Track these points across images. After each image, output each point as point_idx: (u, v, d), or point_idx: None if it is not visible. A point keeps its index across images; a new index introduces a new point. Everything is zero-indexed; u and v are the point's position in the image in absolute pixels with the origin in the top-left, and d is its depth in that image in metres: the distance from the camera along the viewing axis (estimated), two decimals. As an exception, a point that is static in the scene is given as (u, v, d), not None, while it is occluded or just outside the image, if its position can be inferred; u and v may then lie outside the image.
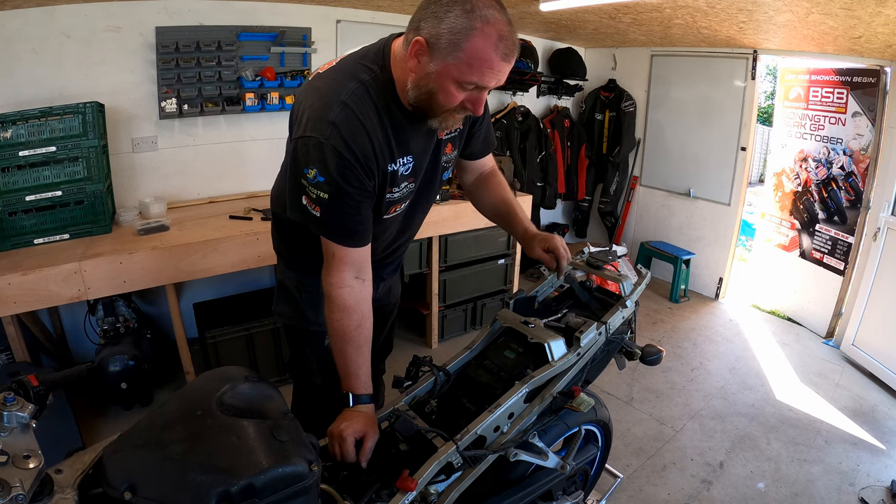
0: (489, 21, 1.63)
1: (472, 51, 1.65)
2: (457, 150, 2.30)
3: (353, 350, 2.00)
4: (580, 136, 7.41)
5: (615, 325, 2.29)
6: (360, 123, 1.81)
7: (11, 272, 3.26)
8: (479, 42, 1.64)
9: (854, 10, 3.84)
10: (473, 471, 1.84)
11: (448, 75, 1.72)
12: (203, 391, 1.45)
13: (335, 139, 1.77)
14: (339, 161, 1.79)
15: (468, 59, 1.67)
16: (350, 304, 1.98)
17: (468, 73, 1.70)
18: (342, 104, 1.79)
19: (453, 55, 1.67)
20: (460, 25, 1.63)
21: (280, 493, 1.28)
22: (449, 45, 1.66)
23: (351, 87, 1.82)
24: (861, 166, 5.25)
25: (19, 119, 3.57)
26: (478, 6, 1.62)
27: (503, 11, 1.68)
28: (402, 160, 2.00)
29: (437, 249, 4.91)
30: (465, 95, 1.78)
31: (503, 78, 1.77)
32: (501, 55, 1.68)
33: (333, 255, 1.95)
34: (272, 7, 4.75)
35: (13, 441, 1.19)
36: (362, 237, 1.97)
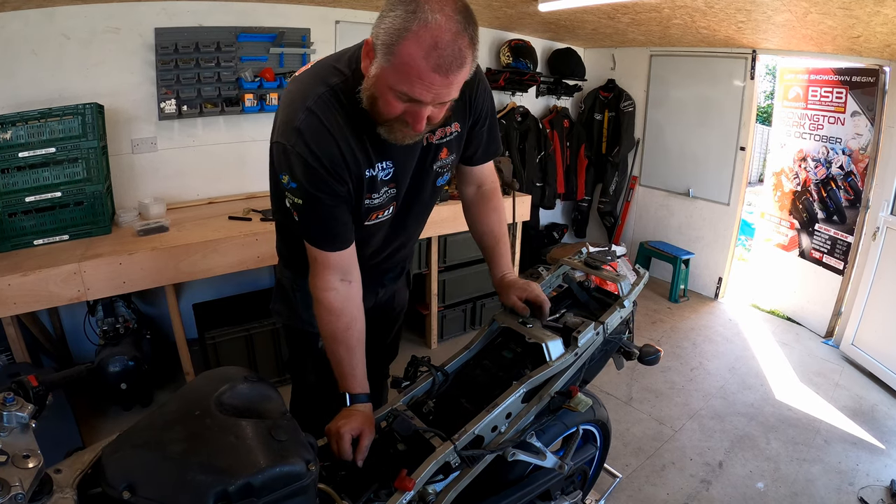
0: (428, 25, 1.46)
1: (401, 56, 1.51)
2: (455, 155, 2.17)
3: (345, 351, 2.00)
4: (579, 136, 7.41)
5: (613, 325, 2.29)
6: (326, 129, 1.75)
7: (11, 273, 3.26)
8: (409, 47, 1.49)
9: (852, 9, 3.84)
10: (471, 470, 1.84)
11: (384, 81, 1.60)
12: (202, 391, 1.45)
13: (300, 146, 1.73)
14: (305, 168, 1.76)
15: (398, 65, 1.53)
16: (337, 307, 1.97)
17: (398, 82, 1.57)
18: (307, 110, 1.73)
19: (386, 59, 1.55)
20: (397, 26, 1.49)
21: (278, 493, 1.28)
22: (384, 48, 1.54)
23: (318, 92, 1.75)
24: (860, 166, 5.25)
25: (19, 120, 3.57)
26: (424, 7, 1.47)
27: (457, 18, 1.50)
28: (380, 165, 1.92)
29: (436, 250, 4.92)
30: (405, 107, 1.64)
31: (444, 94, 1.60)
32: (433, 66, 1.50)
33: (316, 260, 1.94)
34: (271, 8, 4.75)
35: (13, 441, 1.19)
36: (342, 241, 1.93)
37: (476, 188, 2.45)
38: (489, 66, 6.49)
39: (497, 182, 2.48)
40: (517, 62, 6.27)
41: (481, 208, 2.44)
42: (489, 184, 2.44)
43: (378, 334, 2.58)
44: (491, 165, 2.43)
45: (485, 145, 2.26)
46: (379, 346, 2.68)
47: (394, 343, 2.94)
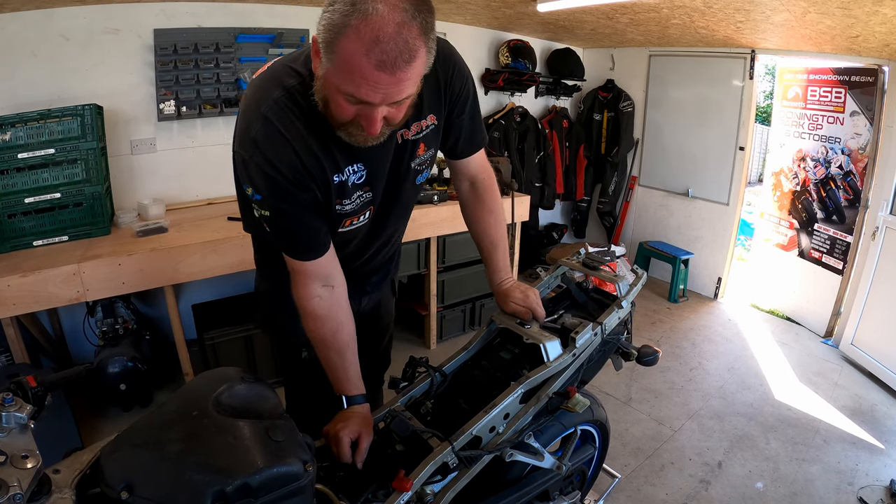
0: (368, 17, 1.30)
1: (342, 55, 1.36)
2: (433, 149, 2.04)
3: (336, 355, 1.97)
4: (578, 136, 7.41)
5: (611, 326, 2.29)
6: (284, 138, 1.63)
7: (11, 274, 3.26)
8: (349, 44, 1.34)
9: (851, 9, 3.84)
10: (469, 471, 1.84)
11: (331, 83, 1.47)
12: (200, 392, 1.46)
13: (258, 157, 1.63)
14: (266, 180, 1.66)
15: (339, 64, 1.39)
16: (322, 314, 1.93)
17: (342, 83, 1.43)
18: (263, 118, 1.62)
19: (329, 58, 1.41)
20: (336, 21, 1.34)
21: (275, 493, 1.28)
22: (325, 46, 1.40)
23: (274, 97, 1.63)
24: (859, 165, 5.26)
25: (18, 121, 3.57)
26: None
27: (403, 6, 1.33)
28: (350, 169, 1.80)
29: (435, 250, 4.92)
30: (356, 109, 1.50)
31: (394, 93, 1.44)
32: (376, 63, 1.34)
33: (295, 270, 1.88)
34: (270, 9, 4.76)
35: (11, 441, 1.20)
36: (317, 247, 1.85)
37: (469, 184, 2.34)
38: (488, 66, 6.50)
39: (492, 177, 2.37)
40: (516, 62, 6.28)
41: (476, 210, 2.35)
42: (483, 179, 2.32)
43: (366, 346, 2.34)
44: (481, 157, 2.29)
45: (467, 136, 2.12)
46: (369, 358, 2.46)
47: (385, 352, 2.85)
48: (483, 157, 2.31)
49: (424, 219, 4.62)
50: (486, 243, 2.37)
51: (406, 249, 4.72)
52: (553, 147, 7.10)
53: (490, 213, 2.34)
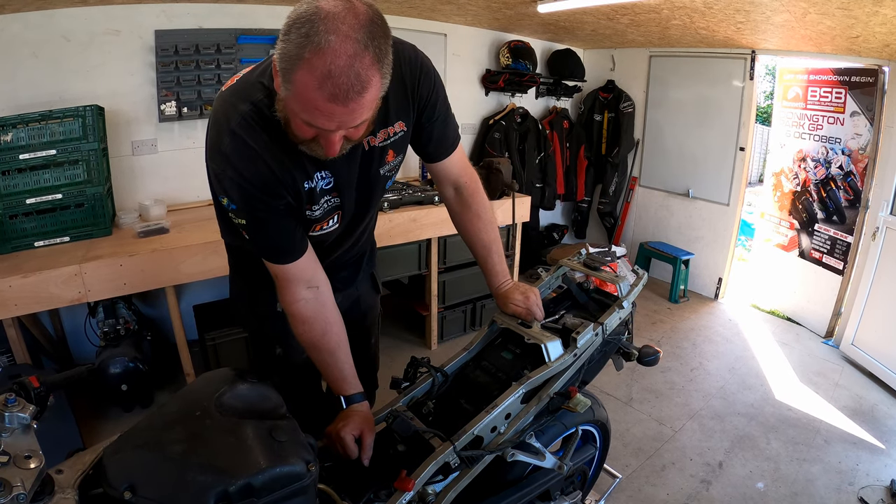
0: (321, 50, 1.33)
1: (297, 86, 1.40)
2: (402, 156, 2.08)
3: (328, 356, 1.99)
4: (579, 136, 7.42)
5: (612, 326, 2.30)
6: (253, 150, 1.66)
7: (12, 275, 3.26)
8: (303, 77, 1.37)
9: (851, 9, 3.85)
10: (470, 471, 1.85)
11: (289, 107, 1.51)
12: (202, 392, 1.46)
13: (230, 171, 1.67)
14: (240, 191, 1.70)
15: (296, 94, 1.42)
16: (309, 316, 1.95)
17: (299, 111, 1.47)
18: (231, 133, 1.64)
19: (286, 87, 1.44)
20: (292, 52, 1.37)
21: (278, 493, 1.29)
22: (283, 74, 1.43)
23: (242, 111, 1.65)
24: (860, 166, 5.26)
25: (19, 122, 3.58)
26: (318, 29, 1.34)
27: (356, 36, 1.36)
28: (318, 175, 1.83)
29: (436, 251, 4.93)
30: (314, 132, 1.54)
31: (349, 121, 1.48)
32: (328, 96, 1.38)
33: (278, 276, 1.90)
34: (270, 10, 4.76)
35: (14, 441, 1.20)
36: (295, 250, 1.87)
37: (453, 190, 2.35)
38: (489, 67, 6.51)
39: (476, 180, 2.36)
40: (517, 63, 6.28)
41: (464, 216, 2.36)
42: (465, 183, 2.32)
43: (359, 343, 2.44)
44: (460, 159, 2.29)
45: (439, 138, 2.14)
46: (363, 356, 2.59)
47: (374, 354, 2.85)
48: (463, 160, 2.32)
49: (426, 219, 4.62)
50: (478, 248, 2.38)
51: (407, 250, 4.74)
52: (554, 148, 7.10)
53: (478, 218, 2.35)
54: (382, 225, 4.41)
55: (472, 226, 2.36)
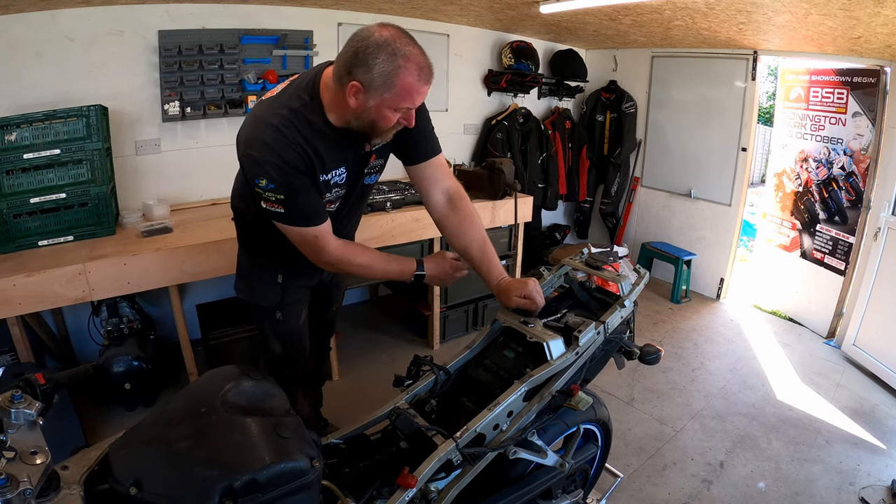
0: (409, 58, 1.97)
1: (402, 85, 2.00)
2: (383, 160, 2.59)
3: (382, 258, 2.51)
4: (581, 137, 7.41)
5: (613, 325, 2.31)
6: (288, 141, 2.10)
7: (16, 273, 3.27)
8: (406, 77, 1.99)
9: (853, 10, 3.85)
10: (473, 468, 1.86)
11: (385, 106, 2.05)
12: (207, 389, 1.47)
13: (270, 155, 2.08)
14: (278, 170, 2.10)
15: (400, 91, 2.01)
16: (348, 248, 2.43)
17: (401, 102, 2.05)
18: (273, 126, 2.10)
19: (389, 91, 2.01)
20: (389, 68, 1.96)
21: (282, 489, 1.30)
22: (384, 85, 1.99)
23: (282, 114, 2.12)
24: (861, 166, 5.26)
25: (23, 122, 3.59)
26: (397, 49, 1.95)
27: (416, 44, 2.02)
28: (334, 171, 2.33)
29: (437, 250, 4.89)
30: (399, 116, 2.12)
31: (425, 94, 2.12)
32: (425, 80, 2.05)
33: (315, 237, 2.30)
34: (274, 10, 4.77)
35: (21, 438, 1.21)
36: (323, 215, 2.30)
37: (441, 195, 2.61)
38: (491, 67, 6.51)
39: (460, 186, 2.66)
40: (519, 64, 6.29)
41: (455, 221, 2.59)
42: (451, 185, 2.63)
43: (320, 311, 3.17)
44: (443, 165, 2.64)
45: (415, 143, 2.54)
46: (320, 323, 3.24)
47: (332, 321, 3.43)
48: (445, 166, 2.68)
49: (427, 219, 4.55)
50: (473, 249, 2.54)
51: (409, 250, 4.74)
52: (556, 148, 7.10)
53: (468, 220, 2.58)
54: (385, 225, 4.43)
55: (463, 228, 2.56)
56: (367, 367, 4.89)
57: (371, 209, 4.37)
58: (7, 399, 1.25)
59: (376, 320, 5.85)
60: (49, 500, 1.20)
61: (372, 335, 5.47)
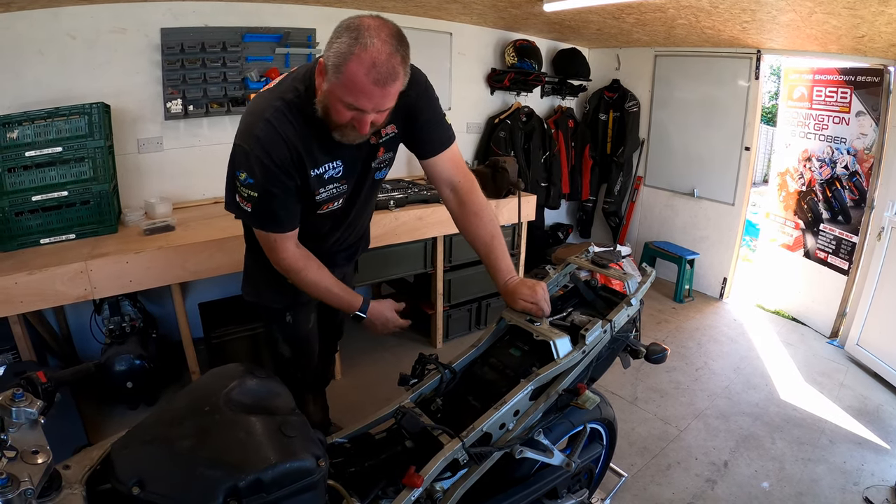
0: (367, 48, 1.80)
1: (347, 74, 1.83)
2: (392, 153, 2.50)
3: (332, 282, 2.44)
4: (584, 136, 7.40)
5: (620, 324, 2.30)
6: (280, 136, 2.06)
7: (18, 272, 3.26)
8: (353, 66, 1.82)
9: (857, 9, 3.83)
10: (479, 468, 1.85)
11: (334, 94, 1.92)
12: (211, 388, 1.46)
13: (258, 150, 2.05)
14: (261, 167, 2.07)
15: (344, 81, 1.85)
16: (303, 258, 2.36)
17: (345, 95, 1.89)
18: (266, 120, 2.05)
19: (336, 76, 1.86)
20: (343, 50, 1.82)
21: (287, 489, 1.29)
22: (333, 68, 1.86)
23: (276, 105, 2.08)
24: (865, 166, 5.25)
25: (25, 120, 3.58)
26: (364, 35, 1.80)
27: (392, 42, 1.84)
28: (328, 165, 2.26)
29: (441, 249, 4.92)
30: (352, 115, 1.96)
31: (383, 103, 1.94)
32: (372, 80, 1.83)
33: (275, 241, 2.28)
34: (277, 8, 4.76)
35: (22, 437, 1.20)
36: (291, 224, 2.28)
37: (450, 191, 2.55)
38: (494, 66, 6.50)
39: (472, 180, 2.56)
40: (522, 62, 6.28)
41: (463, 215, 2.55)
42: (459, 182, 2.54)
43: (330, 313, 3.16)
44: (452, 158, 2.52)
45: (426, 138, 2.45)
46: (330, 325, 3.26)
47: (341, 323, 3.43)
48: (456, 161, 2.55)
49: (431, 218, 4.62)
50: (479, 245, 2.53)
51: (412, 249, 4.74)
52: (559, 147, 7.09)
53: (476, 216, 2.52)
54: (389, 223, 4.41)
55: (471, 224, 2.53)
56: (370, 365, 4.88)
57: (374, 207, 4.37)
58: (8, 398, 1.24)
59: (379, 319, 5.79)
60: (50, 499, 1.19)
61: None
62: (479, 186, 2.58)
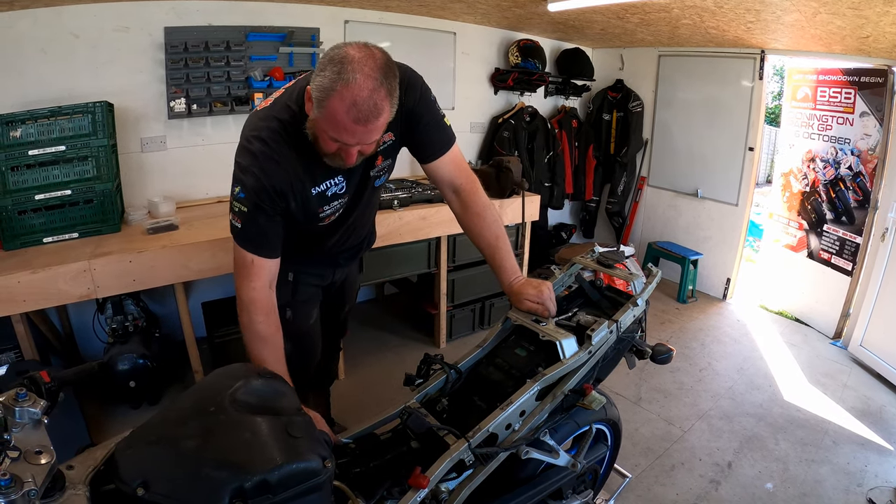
0: (349, 85, 1.76)
1: (329, 111, 1.81)
2: (391, 160, 2.48)
3: (275, 352, 2.27)
4: (588, 136, 7.41)
5: (626, 324, 2.29)
6: (275, 158, 2.05)
7: (21, 270, 3.26)
8: (335, 104, 1.79)
9: (862, 9, 3.83)
10: (485, 468, 1.85)
11: (319, 126, 1.90)
12: (216, 388, 1.45)
13: (254, 167, 2.03)
14: (254, 183, 2.03)
15: (327, 116, 1.83)
16: (270, 308, 2.23)
17: (329, 129, 1.87)
18: (262, 140, 2.05)
19: (319, 111, 1.85)
20: (326, 85, 1.79)
21: (294, 490, 1.28)
22: (317, 101, 1.84)
23: (271, 126, 2.06)
24: (869, 166, 5.24)
25: (29, 118, 3.57)
26: (347, 69, 1.77)
27: (377, 76, 1.80)
28: (329, 182, 2.25)
29: (445, 249, 4.92)
30: (337, 146, 1.93)
31: (366, 138, 1.91)
32: (353, 119, 1.81)
33: (253, 263, 2.15)
34: (280, 7, 4.76)
35: (25, 437, 1.20)
36: (273, 250, 2.19)
37: (453, 193, 2.55)
38: (498, 66, 6.51)
39: (474, 181, 2.55)
40: (526, 62, 6.27)
41: (466, 217, 2.54)
42: (462, 184, 2.52)
43: (333, 311, 3.15)
44: (453, 160, 2.50)
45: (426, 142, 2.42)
46: (333, 323, 3.23)
47: (345, 321, 3.39)
48: (457, 163, 2.52)
49: (435, 218, 4.62)
50: (483, 246, 2.53)
51: (416, 249, 4.75)
52: (562, 147, 7.10)
53: (479, 217, 2.51)
54: (392, 223, 4.41)
55: (474, 225, 2.52)
56: (374, 365, 4.86)
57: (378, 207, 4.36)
58: (12, 397, 1.24)
59: (382, 319, 5.85)
60: (54, 500, 1.19)
61: (378, 334, 5.46)
62: (483, 187, 2.57)
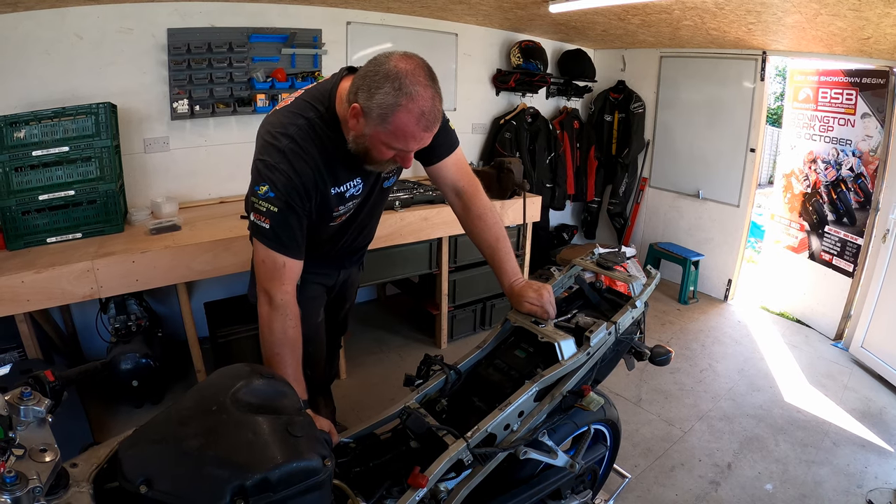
0: (413, 98, 1.85)
1: (397, 124, 1.90)
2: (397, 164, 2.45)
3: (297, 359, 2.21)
4: (589, 137, 7.41)
5: (625, 325, 2.30)
6: (303, 154, 2.08)
7: (25, 270, 3.28)
8: (403, 117, 1.88)
9: (862, 11, 3.83)
10: (483, 468, 1.86)
11: (379, 139, 1.97)
12: (218, 387, 1.47)
13: (284, 164, 2.05)
14: (286, 181, 2.05)
15: (394, 130, 1.91)
16: (297, 313, 2.20)
17: (393, 141, 1.96)
18: (290, 137, 2.07)
19: (382, 126, 1.91)
20: (388, 102, 1.86)
21: (294, 488, 1.29)
22: (379, 118, 1.89)
23: (299, 123, 2.10)
24: (870, 167, 5.24)
25: (33, 119, 3.60)
26: (406, 84, 1.85)
27: (430, 84, 1.91)
28: (349, 184, 2.32)
29: (446, 250, 4.93)
30: (395, 153, 2.04)
31: (427, 142, 2.02)
32: (423, 128, 1.92)
33: (284, 266, 2.15)
34: (283, 9, 4.78)
35: (30, 435, 1.21)
36: (302, 251, 2.20)
37: (454, 195, 2.60)
38: (500, 67, 6.51)
39: (475, 184, 2.60)
40: (527, 63, 6.28)
41: (467, 219, 2.59)
42: (464, 187, 2.57)
43: (335, 310, 3.20)
44: (456, 163, 2.54)
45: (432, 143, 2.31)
46: (335, 321, 3.26)
47: (346, 319, 3.45)
48: (460, 165, 2.58)
49: (436, 218, 4.63)
50: (484, 248, 2.57)
51: (417, 249, 4.76)
52: (564, 148, 7.10)
53: (480, 219, 2.56)
54: (394, 223, 4.42)
55: (475, 227, 2.57)
56: (375, 365, 4.88)
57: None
58: (17, 396, 1.25)
59: (383, 319, 5.86)
60: (58, 497, 1.20)
61: (379, 334, 5.47)
62: (484, 187, 2.60)
